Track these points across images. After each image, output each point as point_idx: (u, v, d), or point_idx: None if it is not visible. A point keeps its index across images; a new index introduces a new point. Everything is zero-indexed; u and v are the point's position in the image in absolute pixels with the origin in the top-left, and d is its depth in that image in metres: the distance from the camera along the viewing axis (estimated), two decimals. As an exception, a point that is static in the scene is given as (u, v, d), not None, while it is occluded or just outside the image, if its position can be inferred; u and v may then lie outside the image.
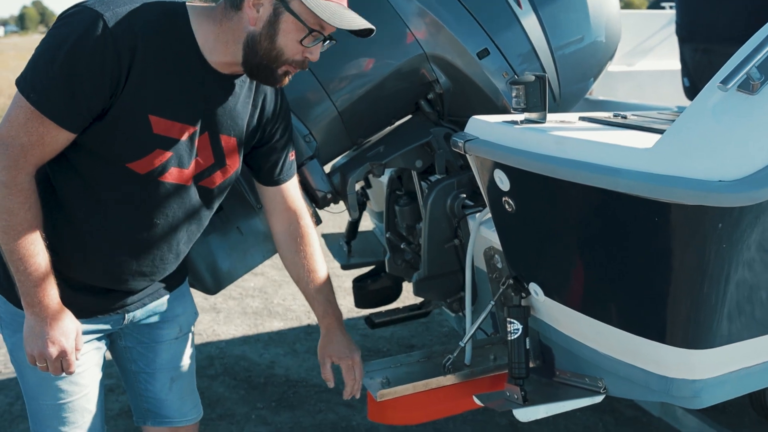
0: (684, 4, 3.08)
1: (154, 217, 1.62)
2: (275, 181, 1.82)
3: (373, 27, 1.57)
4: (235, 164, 1.70)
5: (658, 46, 4.02)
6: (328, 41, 1.57)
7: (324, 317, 1.93)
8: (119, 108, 1.48)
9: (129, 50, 1.44)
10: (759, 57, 1.25)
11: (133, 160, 1.53)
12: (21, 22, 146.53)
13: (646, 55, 3.99)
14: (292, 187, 1.85)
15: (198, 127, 1.59)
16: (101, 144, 1.51)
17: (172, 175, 1.59)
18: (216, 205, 1.75)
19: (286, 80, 1.60)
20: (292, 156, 1.84)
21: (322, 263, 1.91)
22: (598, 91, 3.34)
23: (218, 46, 1.55)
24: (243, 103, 1.66)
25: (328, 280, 1.93)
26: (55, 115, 1.44)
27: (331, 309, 1.93)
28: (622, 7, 2.39)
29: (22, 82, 1.45)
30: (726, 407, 2.82)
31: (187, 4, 1.55)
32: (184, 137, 1.57)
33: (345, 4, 1.56)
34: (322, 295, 1.91)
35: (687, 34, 3.07)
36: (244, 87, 1.66)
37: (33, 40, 59.69)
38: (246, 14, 1.51)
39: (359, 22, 1.55)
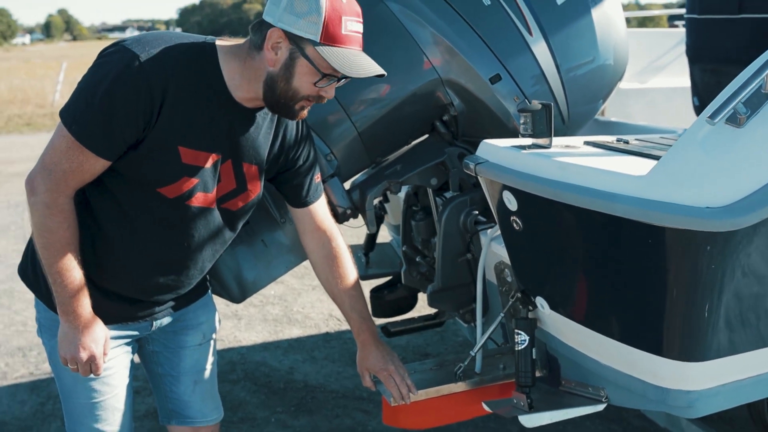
0: (692, 27, 3.15)
1: (181, 237, 1.75)
2: (303, 202, 1.93)
3: (384, 72, 1.63)
4: (256, 189, 1.81)
5: (671, 64, 4.08)
6: (343, 79, 1.64)
7: (359, 334, 2.01)
8: (151, 140, 1.61)
9: (161, 88, 1.57)
10: (745, 93, 1.34)
11: (163, 186, 1.66)
12: (47, 29, 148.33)
13: (659, 72, 4.05)
14: (320, 208, 1.96)
15: (222, 156, 1.71)
16: (135, 170, 1.65)
17: (198, 200, 1.71)
18: (239, 226, 1.86)
19: (304, 113, 1.70)
20: (317, 179, 1.94)
21: (357, 283, 2.01)
22: (611, 108, 3.41)
23: (243, 84, 1.66)
24: (265, 134, 1.78)
25: (362, 298, 2.02)
26: (93, 146, 1.58)
27: (365, 325, 2.01)
28: (640, 25, 2.47)
29: (65, 114, 1.59)
30: (732, 419, 2.87)
31: (216, 43, 1.67)
32: (209, 165, 1.69)
33: (359, 46, 1.62)
34: (356, 313, 2.00)
35: (695, 55, 3.14)
36: (266, 119, 1.77)
37: (58, 47, 60.52)
38: (266, 56, 1.62)
39: (371, 69, 1.61)
